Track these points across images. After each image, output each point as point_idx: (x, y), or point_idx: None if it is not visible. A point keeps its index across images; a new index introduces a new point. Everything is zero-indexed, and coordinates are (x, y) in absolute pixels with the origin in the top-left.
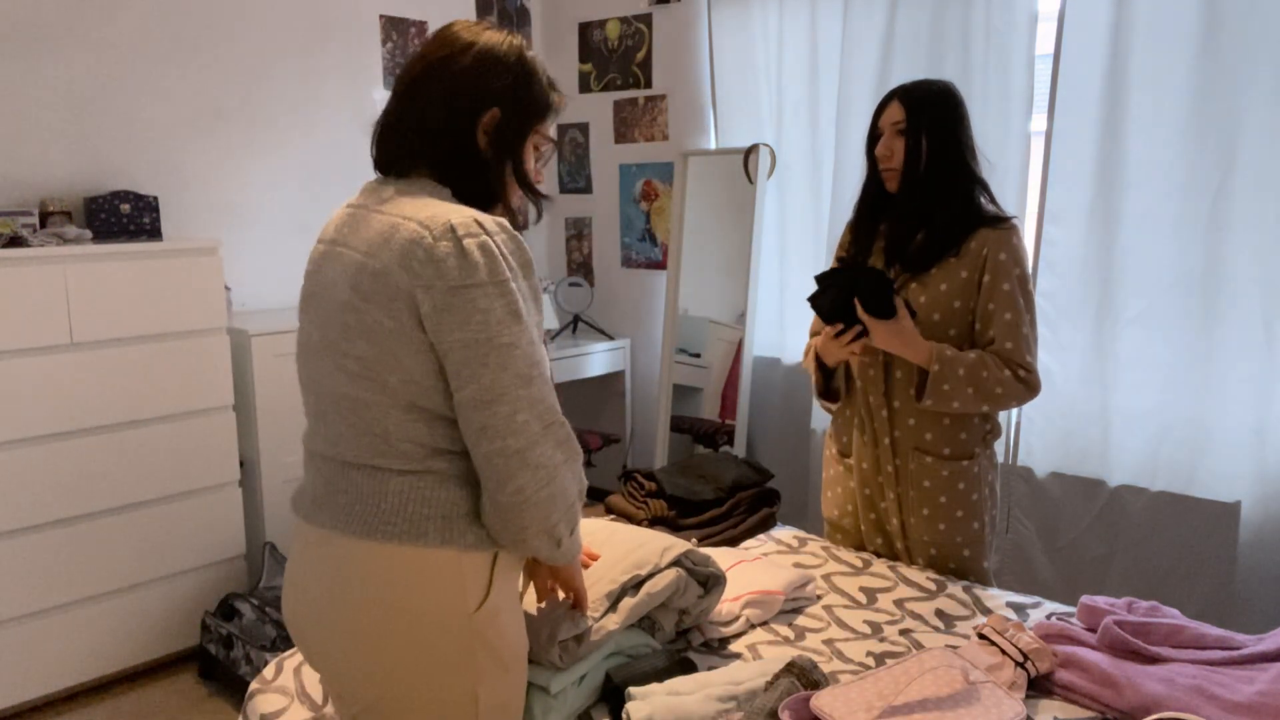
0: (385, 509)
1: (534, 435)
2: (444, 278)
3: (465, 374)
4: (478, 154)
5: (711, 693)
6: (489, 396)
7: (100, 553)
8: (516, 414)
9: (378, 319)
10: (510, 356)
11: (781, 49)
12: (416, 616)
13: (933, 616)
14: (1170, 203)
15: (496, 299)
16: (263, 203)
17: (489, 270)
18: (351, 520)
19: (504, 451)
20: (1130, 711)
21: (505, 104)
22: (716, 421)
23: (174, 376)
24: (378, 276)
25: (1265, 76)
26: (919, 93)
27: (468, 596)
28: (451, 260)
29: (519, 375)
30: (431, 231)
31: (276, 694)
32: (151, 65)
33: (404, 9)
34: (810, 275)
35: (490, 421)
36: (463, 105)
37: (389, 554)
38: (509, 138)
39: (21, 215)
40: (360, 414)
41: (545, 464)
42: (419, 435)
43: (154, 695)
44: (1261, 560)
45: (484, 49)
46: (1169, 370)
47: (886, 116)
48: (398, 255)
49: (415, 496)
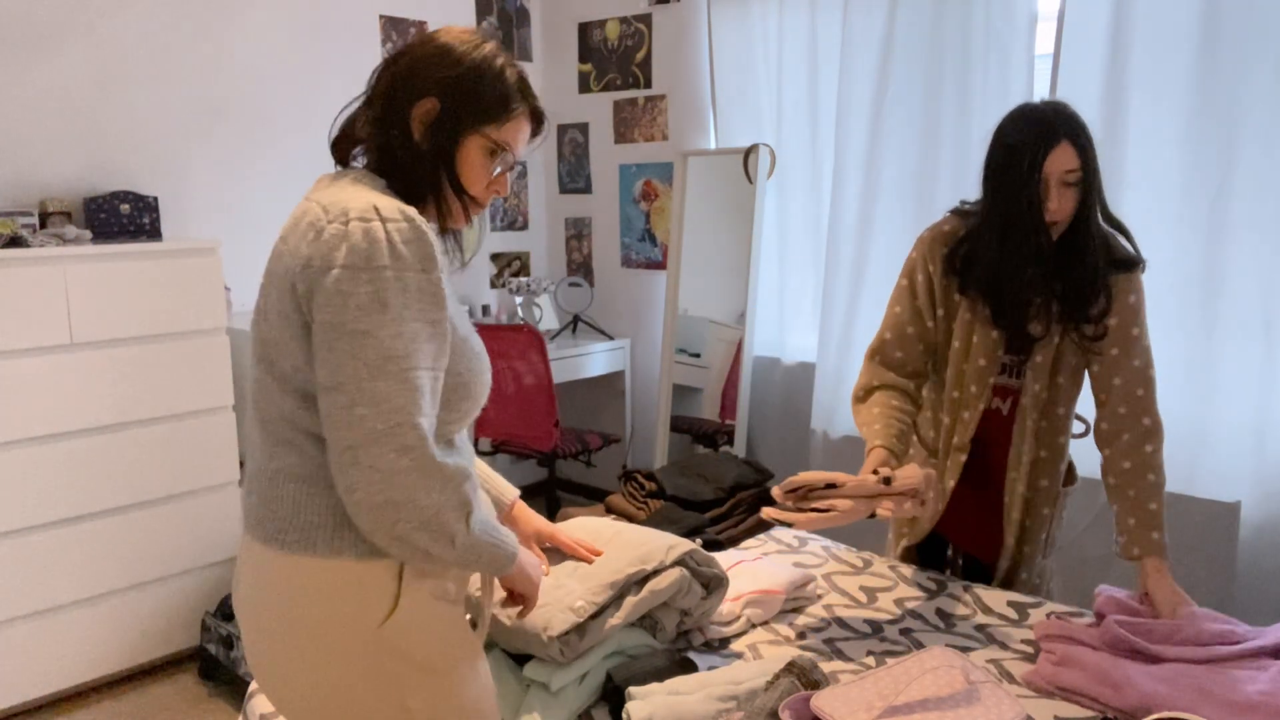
0: (281, 515)
1: (370, 433)
2: (320, 258)
3: (320, 357)
4: (411, 146)
5: (712, 693)
6: (331, 383)
7: (100, 553)
8: (355, 406)
9: (273, 300)
10: (361, 345)
11: (781, 49)
12: (321, 629)
13: (933, 616)
14: (1170, 203)
15: (362, 284)
16: (263, 203)
17: (366, 255)
18: (260, 526)
19: (338, 444)
20: (1130, 711)
21: (445, 96)
22: (716, 421)
23: (174, 376)
24: (277, 258)
25: (1265, 77)
26: (1084, 129)
27: (371, 608)
28: (332, 242)
29: (368, 366)
30: (328, 214)
31: None
32: (151, 65)
33: (404, 9)
34: (810, 276)
35: (329, 410)
36: (400, 93)
37: (289, 564)
38: (443, 132)
39: (21, 215)
40: (260, 399)
41: (381, 467)
42: (313, 425)
43: (154, 695)
44: (1261, 560)
45: (442, 44)
46: (1168, 370)
47: (1056, 163)
48: (296, 238)
49: (306, 504)
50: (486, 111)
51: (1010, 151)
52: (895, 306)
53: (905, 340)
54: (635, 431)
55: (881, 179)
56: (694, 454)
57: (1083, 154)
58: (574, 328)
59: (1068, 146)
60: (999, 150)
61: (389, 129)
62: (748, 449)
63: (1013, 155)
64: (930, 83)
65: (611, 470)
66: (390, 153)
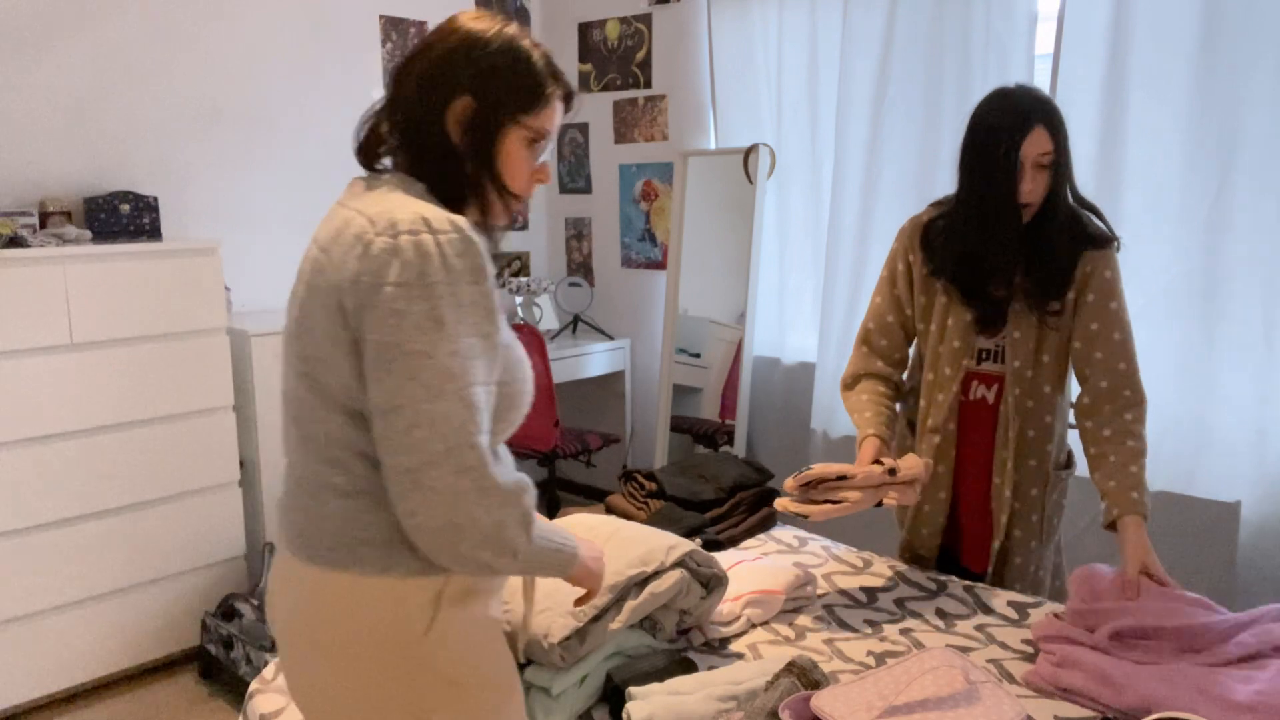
0: (326, 533)
1: (431, 455)
2: (371, 274)
3: (373, 378)
4: (449, 147)
5: (712, 693)
6: (388, 405)
7: (100, 553)
8: (414, 429)
9: (317, 316)
10: (419, 365)
11: (781, 49)
12: (357, 647)
13: (933, 616)
14: (1170, 203)
15: (417, 302)
16: (263, 203)
17: (418, 271)
18: (301, 544)
19: (396, 468)
20: (1130, 711)
21: (479, 91)
22: (716, 421)
23: (174, 376)
24: (321, 272)
25: (1265, 77)
26: (1057, 113)
27: (413, 625)
28: (382, 257)
29: (425, 387)
30: (375, 226)
31: (276, 694)
32: (151, 65)
33: (404, 9)
34: (810, 276)
35: (387, 433)
36: (432, 93)
37: (331, 581)
38: (482, 129)
39: (21, 215)
40: (304, 416)
41: (441, 489)
42: (360, 444)
43: (154, 695)
44: (1261, 560)
45: (465, 35)
46: (1169, 370)
47: (1032, 146)
48: (342, 251)
49: (354, 521)
50: (522, 101)
51: (988, 135)
52: (876, 296)
53: (886, 328)
54: (635, 431)
55: (881, 179)
56: (694, 454)
57: (1055, 137)
58: (574, 328)
59: (1042, 130)
60: (977, 134)
61: (423, 132)
62: (748, 449)
63: (990, 139)
64: (930, 83)
65: (612, 470)
66: (426, 155)
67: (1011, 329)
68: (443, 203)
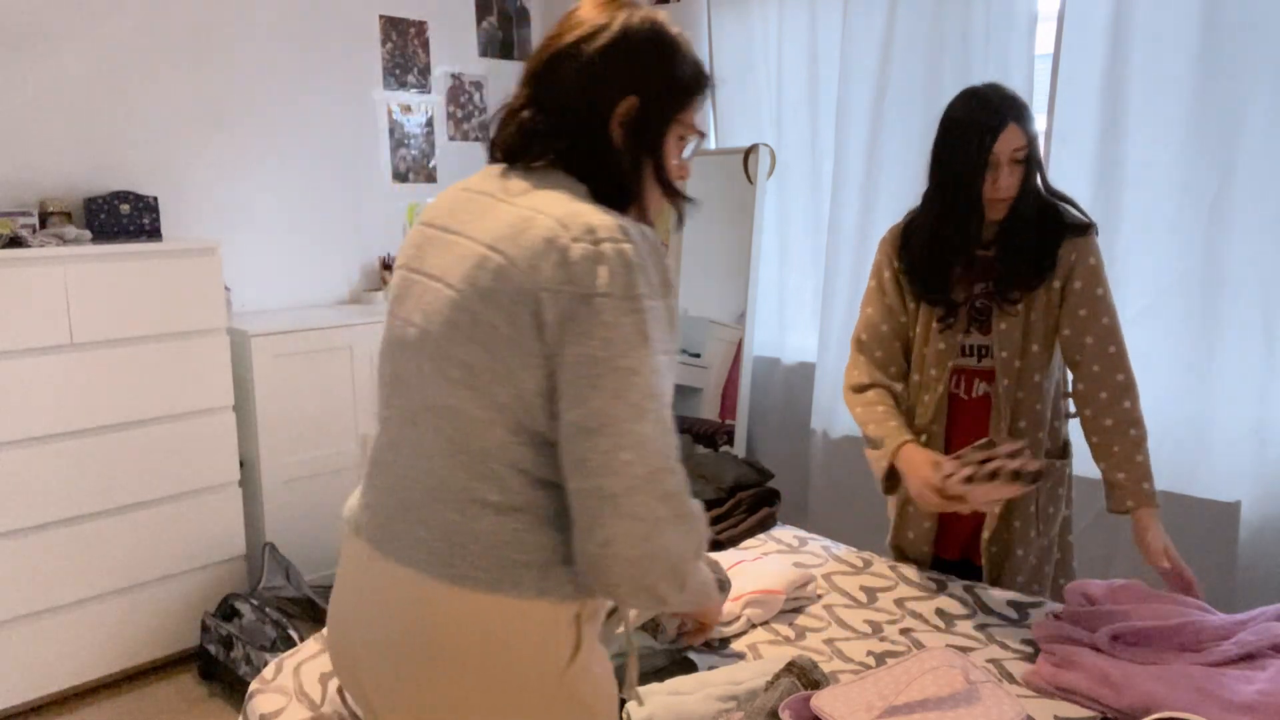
0: (474, 552)
1: (634, 480)
2: (574, 283)
3: (573, 395)
4: (612, 149)
5: (712, 692)
6: (593, 424)
7: (100, 553)
8: (619, 451)
9: (494, 322)
10: (627, 383)
11: (781, 49)
12: (503, 673)
13: (933, 616)
14: (1170, 203)
15: (626, 315)
16: (263, 203)
17: (624, 283)
18: (434, 560)
19: (597, 492)
20: (1129, 711)
21: (644, 91)
22: (716, 421)
23: (174, 376)
24: (501, 274)
25: (1265, 77)
26: (1026, 109)
27: (561, 650)
28: (585, 265)
29: (633, 406)
30: (570, 231)
31: (276, 694)
32: (151, 65)
33: (404, 9)
34: (810, 276)
35: (588, 455)
36: (595, 94)
37: (476, 603)
38: (648, 131)
39: (21, 215)
40: (458, 427)
41: (643, 516)
42: (522, 461)
43: (154, 695)
44: (1261, 560)
45: (620, 30)
46: (1169, 370)
47: (1005, 143)
48: (528, 253)
49: (510, 540)
50: (682, 99)
51: (962, 132)
52: (867, 308)
53: (881, 339)
54: None
55: (881, 179)
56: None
57: (1027, 132)
58: None
59: (1015, 127)
60: (950, 132)
61: (587, 133)
62: (748, 449)
63: (964, 138)
64: (930, 83)
65: None
66: (592, 157)
67: (998, 321)
68: (605, 204)
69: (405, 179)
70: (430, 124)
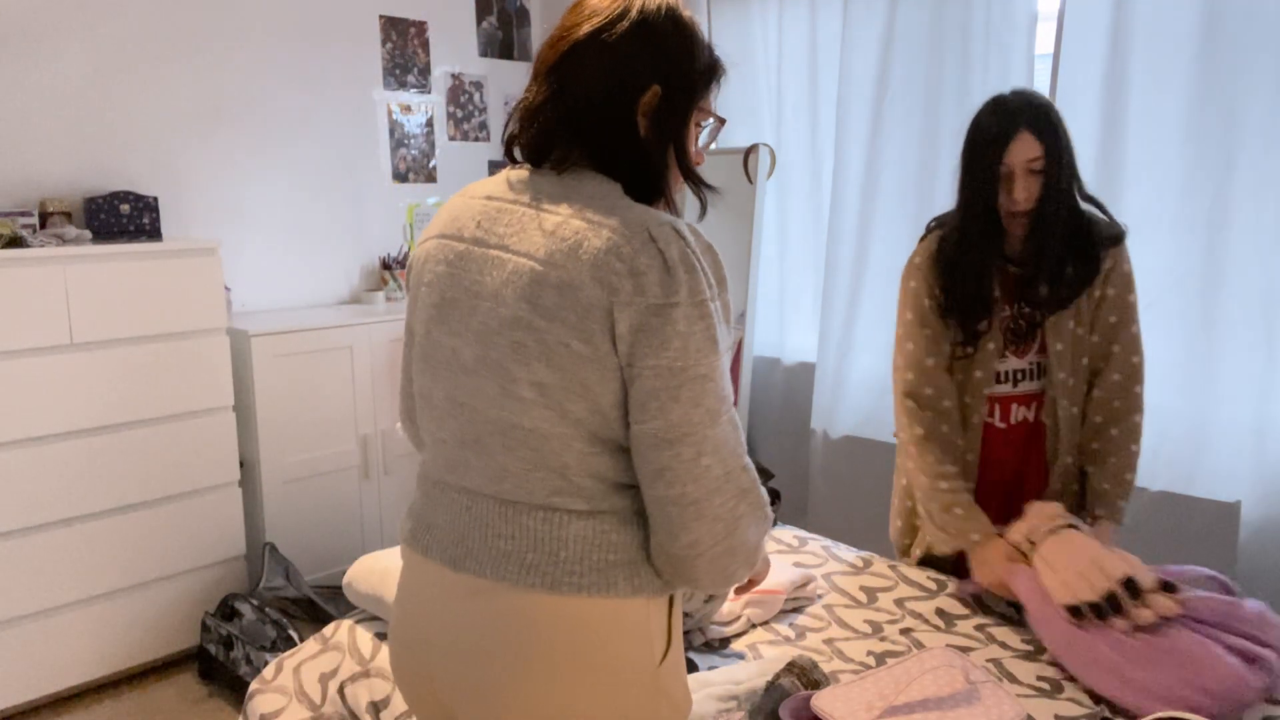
0: (566, 558)
1: (715, 483)
2: (645, 293)
3: (653, 406)
4: (640, 142)
5: (712, 692)
6: (674, 434)
7: (100, 553)
8: (700, 457)
9: (563, 340)
10: (704, 390)
11: (781, 49)
12: (604, 672)
13: (933, 615)
14: (1170, 203)
15: (697, 321)
16: (263, 203)
17: (690, 287)
18: (524, 571)
19: (680, 500)
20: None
21: (666, 79)
22: None
23: (174, 376)
24: (564, 290)
25: (1265, 77)
26: (1046, 116)
27: (654, 647)
28: (654, 274)
29: (709, 412)
30: (631, 241)
31: (276, 694)
32: (151, 65)
33: (404, 9)
34: (810, 276)
35: (670, 464)
36: (620, 84)
37: (574, 606)
38: (671, 118)
39: (21, 215)
40: (536, 447)
41: (724, 516)
42: (601, 469)
43: (154, 695)
44: (1261, 560)
45: (639, 17)
46: (1169, 370)
47: (1018, 153)
48: (589, 266)
49: (598, 542)
50: (703, 84)
51: (974, 146)
52: (908, 343)
53: (928, 373)
54: None
55: (881, 179)
56: None
57: (1045, 141)
58: None
59: (1028, 136)
60: (968, 145)
61: (614, 128)
62: (748, 449)
63: (976, 150)
64: (930, 83)
65: None
66: (619, 151)
67: (1053, 341)
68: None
69: (405, 179)
70: (430, 124)
